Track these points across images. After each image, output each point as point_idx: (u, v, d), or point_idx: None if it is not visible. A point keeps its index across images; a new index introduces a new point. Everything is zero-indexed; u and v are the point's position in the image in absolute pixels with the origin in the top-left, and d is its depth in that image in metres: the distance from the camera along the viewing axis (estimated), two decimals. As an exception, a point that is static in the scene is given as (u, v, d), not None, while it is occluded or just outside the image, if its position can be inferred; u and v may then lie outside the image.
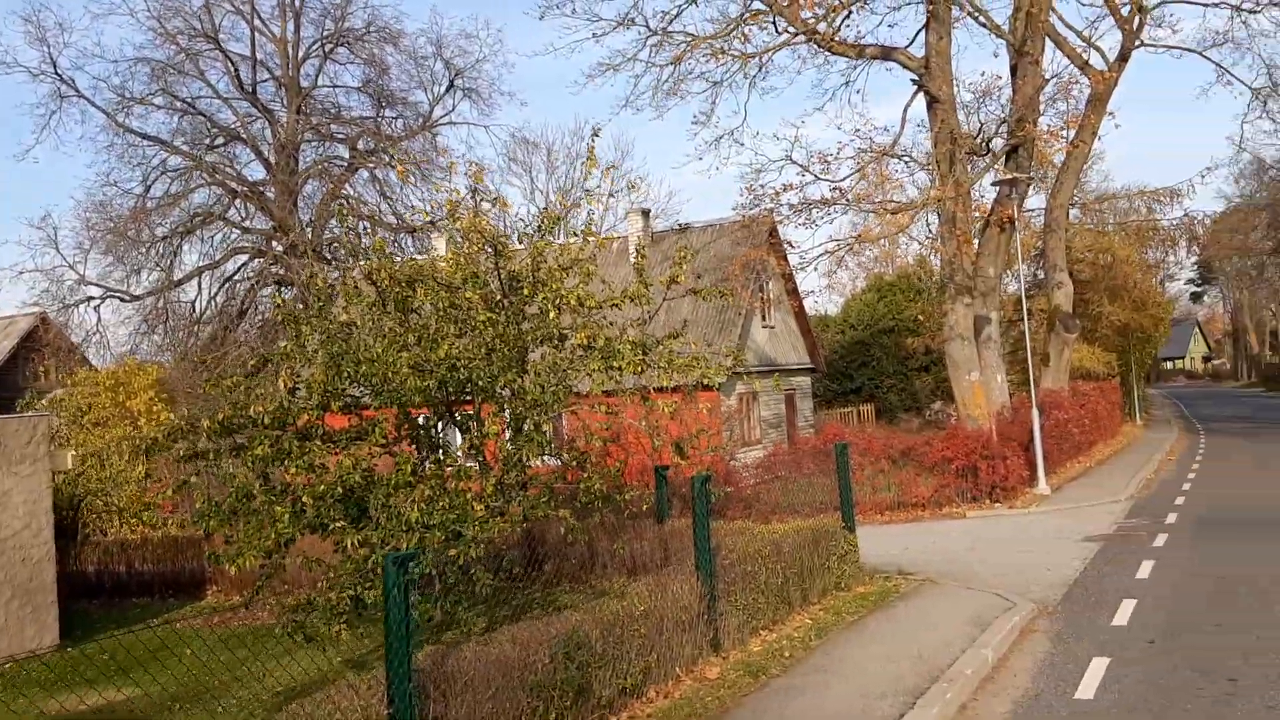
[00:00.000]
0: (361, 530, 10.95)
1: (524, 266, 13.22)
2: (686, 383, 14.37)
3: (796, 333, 35.72)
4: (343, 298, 12.78)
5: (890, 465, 20.90)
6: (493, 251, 13.00)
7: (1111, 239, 36.75)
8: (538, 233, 13.52)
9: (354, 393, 12.38)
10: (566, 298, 13.01)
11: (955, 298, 25.12)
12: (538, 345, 13.20)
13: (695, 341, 16.05)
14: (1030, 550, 15.12)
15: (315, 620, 10.36)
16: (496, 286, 13.24)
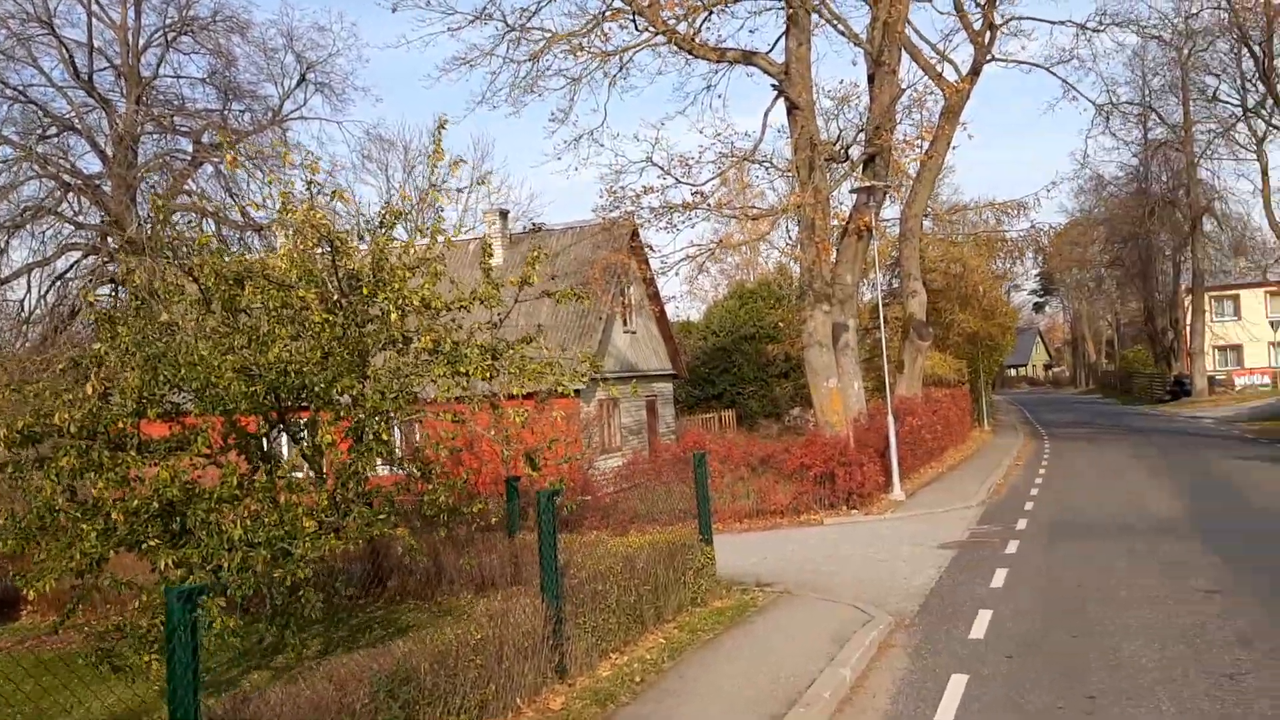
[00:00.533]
0: (181, 549, 9.98)
1: (364, 265, 12.40)
2: (541, 389, 13.74)
3: (658, 338, 35.42)
4: (162, 295, 11.74)
5: (749, 473, 20.66)
6: (329, 248, 12.13)
7: (963, 249, 37.66)
8: (380, 229, 12.70)
9: (175, 399, 11.39)
10: (409, 298, 12.22)
11: (814, 304, 25.13)
12: (380, 349, 12.42)
13: (551, 347, 15.38)
14: (887, 558, 14.98)
15: (124, 648, 9.38)
16: (334, 286, 12.38)
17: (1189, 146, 58.59)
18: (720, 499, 20.27)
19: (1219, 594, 11.18)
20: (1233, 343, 69.64)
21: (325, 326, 11.56)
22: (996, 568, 13.48)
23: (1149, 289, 67.88)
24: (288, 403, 11.69)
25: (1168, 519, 16.99)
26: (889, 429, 21.74)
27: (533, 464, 12.58)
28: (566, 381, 13.09)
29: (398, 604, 13.71)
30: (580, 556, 11.61)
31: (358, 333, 11.96)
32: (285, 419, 12.18)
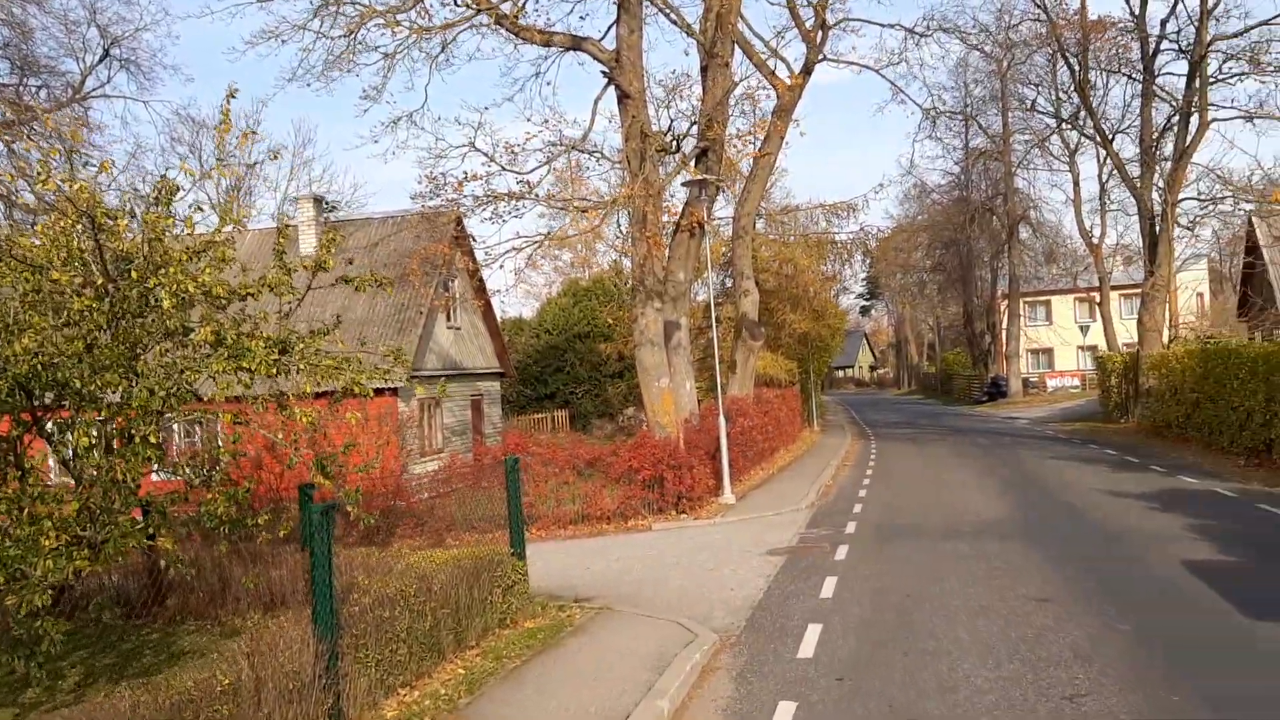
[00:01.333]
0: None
1: (135, 246, 10.85)
2: (336, 388, 12.39)
3: (485, 335, 34.12)
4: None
5: (575, 477, 19.66)
6: (90, 224, 10.52)
7: (794, 250, 37.71)
8: (156, 205, 11.16)
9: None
10: (184, 284, 10.71)
11: (646, 302, 24.35)
12: (157, 342, 10.89)
13: (353, 341, 13.99)
14: (715, 567, 14.21)
15: None
16: (99, 269, 10.78)
17: (1007, 156, 60.80)
18: (544, 504, 19.25)
19: (1050, 602, 10.78)
20: (1045, 346, 72.87)
21: (88, 314, 10.04)
22: (826, 576, 12.86)
23: (968, 293, 70.26)
24: (43, 401, 10.15)
25: (992, 520, 16.83)
26: (720, 430, 21.12)
27: (324, 471, 11.22)
28: (365, 379, 11.75)
29: (178, 624, 12.20)
30: (367, 577, 10.41)
31: (130, 322, 10.44)
32: (39, 419, 10.56)
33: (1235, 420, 24.05)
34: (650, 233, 22.82)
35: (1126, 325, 65.43)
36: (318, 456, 11.51)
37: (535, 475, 19.59)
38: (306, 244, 30.83)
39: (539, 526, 19.10)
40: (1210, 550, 13.15)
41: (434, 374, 29.22)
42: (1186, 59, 34.58)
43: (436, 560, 10.67)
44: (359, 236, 31.01)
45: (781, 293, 38.32)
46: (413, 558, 11.09)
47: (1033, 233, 64.44)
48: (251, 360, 10.83)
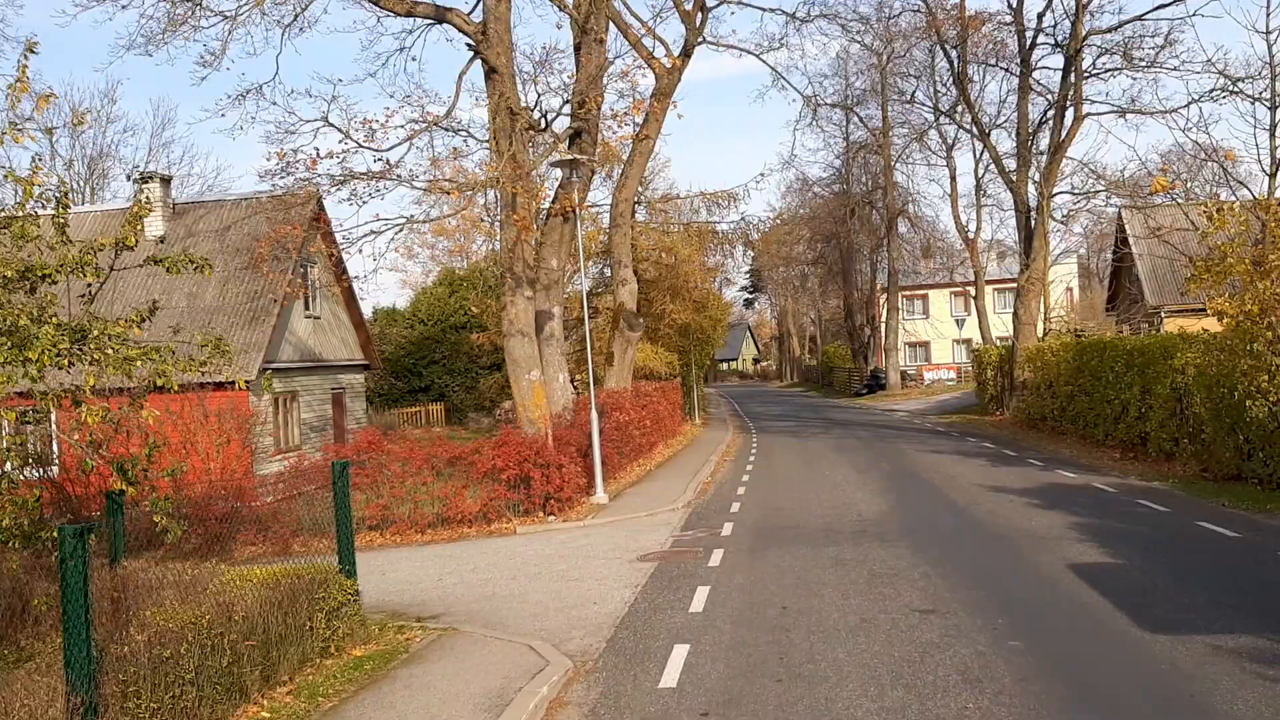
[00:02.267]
0: None
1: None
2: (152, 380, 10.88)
3: (348, 325, 32.27)
4: None
5: (435, 476, 18.28)
6: None
7: (675, 239, 36.79)
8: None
9: None
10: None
11: (515, 290, 23.03)
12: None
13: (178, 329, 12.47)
14: (579, 577, 13.05)
15: None
16: None
17: (887, 150, 61.13)
18: (400, 507, 17.85)
19: (934, 614, 9.92)
20: (922, 339, 73.79)
21: None
22: (698, 585, 11.81)
23: (849, 287, 70.59)
24: None
25: (873, 519, 16.08)
26: (592, 426, 19.97)
27: (125, 476, 9.74)
28: (175, 371, 10.28)
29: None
30: (179, 598, 8.95)
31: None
32: None
33: (1111, 413, 23.95)
34: (519, 216, 21.51)
35: (1001, 319, 66.56)
36: (117, 460, 10.01)
37: (391, 476, 18.18)
38: (153, 227, 28.65)
39: (394, 531, 17.71)
40: (1097, 552, 12.53)
41: (290, 366, 27.43)
42: (1062, 53, 34.79)
43: (254, 578, 9.26)
44: (210, 219, 28.96)
45: (662, 283, 37.38)
46: (229, 575, 9.64)
47: (911, 227, 65.00)
48: (37, 348, 9.29)
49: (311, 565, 9.57)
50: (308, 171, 22.00)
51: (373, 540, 17.57)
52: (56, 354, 9.58)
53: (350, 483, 9.78)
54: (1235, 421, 17.46)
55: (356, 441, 19.39)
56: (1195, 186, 28.99)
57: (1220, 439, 18.11)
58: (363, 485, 18.53)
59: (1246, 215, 18.17)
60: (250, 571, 9.56)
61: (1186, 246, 24.33)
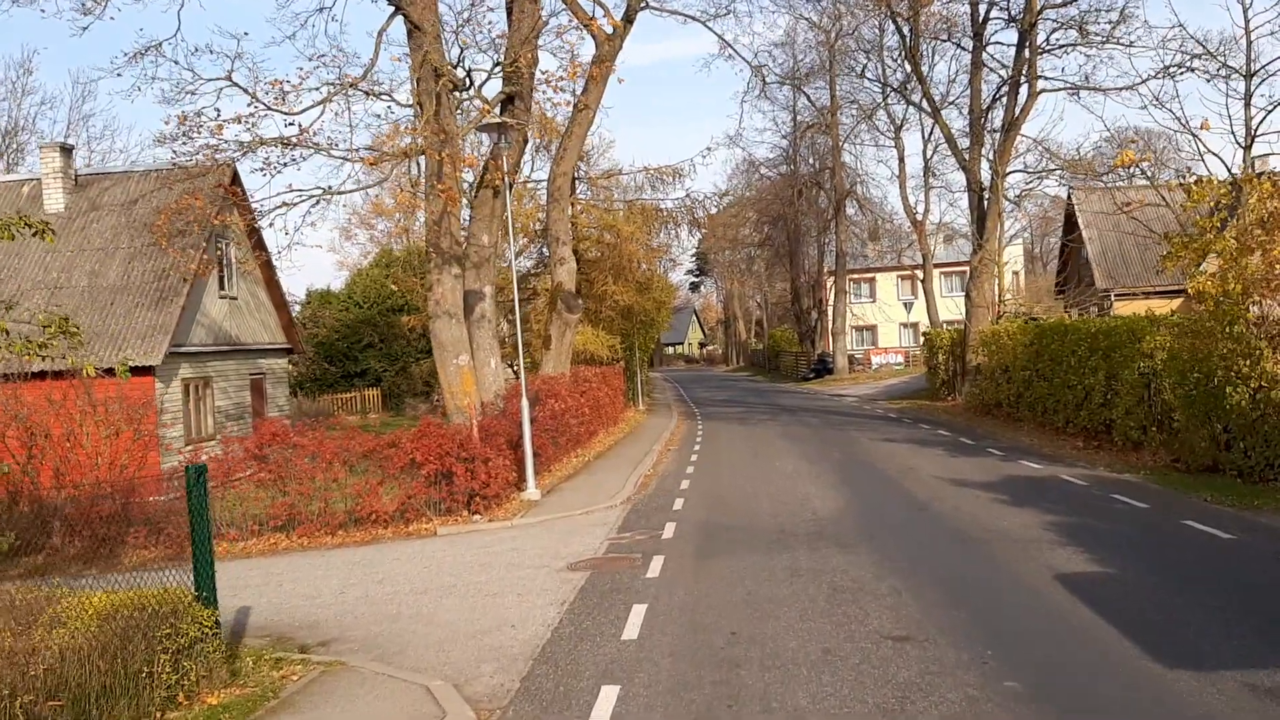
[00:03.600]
0: None
1: None
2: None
3: (268, 307, 30.23)
4: None
5: (348, 472, 16.53)
6: None
7: (617, 216, 35.08)
8: None
9: None
10: None
11: (442, 268, 21.29)
12: None
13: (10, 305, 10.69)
14: (499, 590, 11.41)
15: None
16: None
17: (835, 130, 59.89)
18: (308, 506, 16.09)
19: (910, 642, 8.43)
20: (869, 323, 72.82)
21: None
22: (634, 603, 10.22)
23: (795, 270, 69.40)
24: None
25: (830, 519, 14.62)
26: (523, 415, 18.32)
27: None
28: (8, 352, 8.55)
29: None
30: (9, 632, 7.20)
31: None
32: None
33: (1073, 399, 22.77)
34: (445, 187, 19.74)
35: (948, 303, 65.94)
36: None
37: (299, 471, 16.40)
38: (53, 200, 26.44)
39: (302, 533, 15.96)
40: (1082, 559, 11.14)
41: (202, 350, 25.42)
42: (1016, 27, 33.63)
43: (91, 607, 7.52)
44: (116, 192, 26.81)
45: (604, 263, 35.70)
46: (65, 602, 7.90)
47: (859, 209, 63.90)
48: None
49: (161, 591, 7.82)
50: (213, 137, 20.12)
51: (277, 543, 15.83)
52: None
53: (208, 489, 8.03)
54: (1211, 409, 16.25)
55: (259, 433, 17.53)
56: (1158, 164, 27.93)
57: (1193, 428, 16.91)
58: (267, 482, 16.75)
59: (1225, 189, 16.96)
60: (88, 598, 7.80)
61: (1154, 225, 23.23)
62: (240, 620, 10.82)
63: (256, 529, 16.19)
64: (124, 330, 23.38)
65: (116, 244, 25.47)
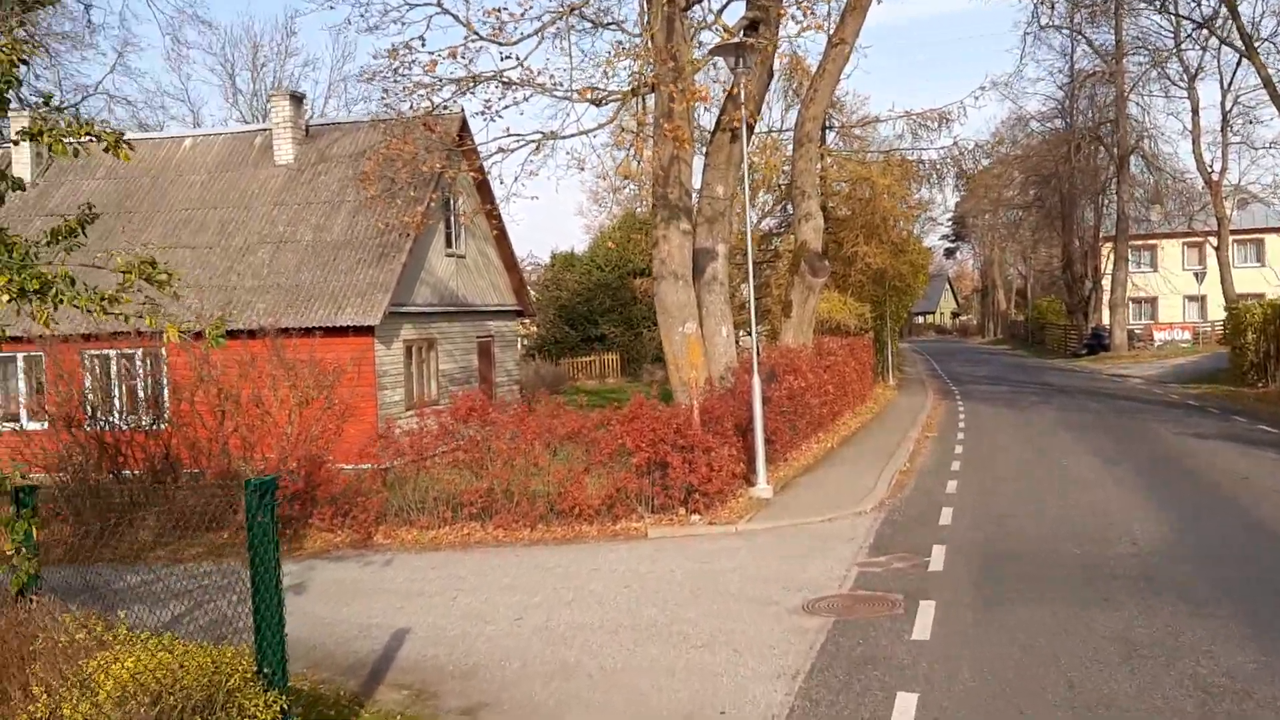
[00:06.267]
0: None
1: None
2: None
3: (498, 267, 28.59)
4: None
5: (551, 455, 14.22)
6: None
7: (871, 169, 31.35)
8: None
9: None
10: None
11: (669, 222, 18.70)
12: None
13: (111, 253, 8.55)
14: (710, 639, 8.64)
15: None
16: None
17: (1120, 77, 53.29)
18: (506, 495, 13.89)
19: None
20: (1149, 295, 65.27)
21: None
22: (898, 690, 7.16)
23: (1068, 234, 62.83)
24: None
25: (1157, 553, 11.00)
26: (754, 396, 15.46)
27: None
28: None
29: None
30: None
31: None
32: None
33: None
34: (674, 126, 17.05)
35: (1247, 274, 58.16)
36: None
37: (496, 453, 14.22)
38: (282, 151, 25.52)
39: (499, 524, 13.79)
40: None
41: (426, 310, 23.92)
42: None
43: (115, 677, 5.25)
44: (345, 143, 25.63)
45: (854, 221, 32.07)
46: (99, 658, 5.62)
47: (1145, 166, 56.89)
48: None
49: (213, 655, 5.43)
50: (425, 74, 18.24)
51: (471, 534, 13.74)
52: None
53: (275, 510, 5.59)
54: None
55: (455, 407, 15.49)
56: None
57: None
58: (462, 462, 14.69)
59: None
60: (120, 660, 5.50)
61: None
62: (388, 654, 8.59)
63: (449, 515, 14.16)
64: (344, 287, 22.05)
65: (343, 197, 24.25)
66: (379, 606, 10.23)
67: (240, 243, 23.58)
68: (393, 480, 14.95)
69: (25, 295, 6.22)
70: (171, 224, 24.22)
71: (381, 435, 15.40)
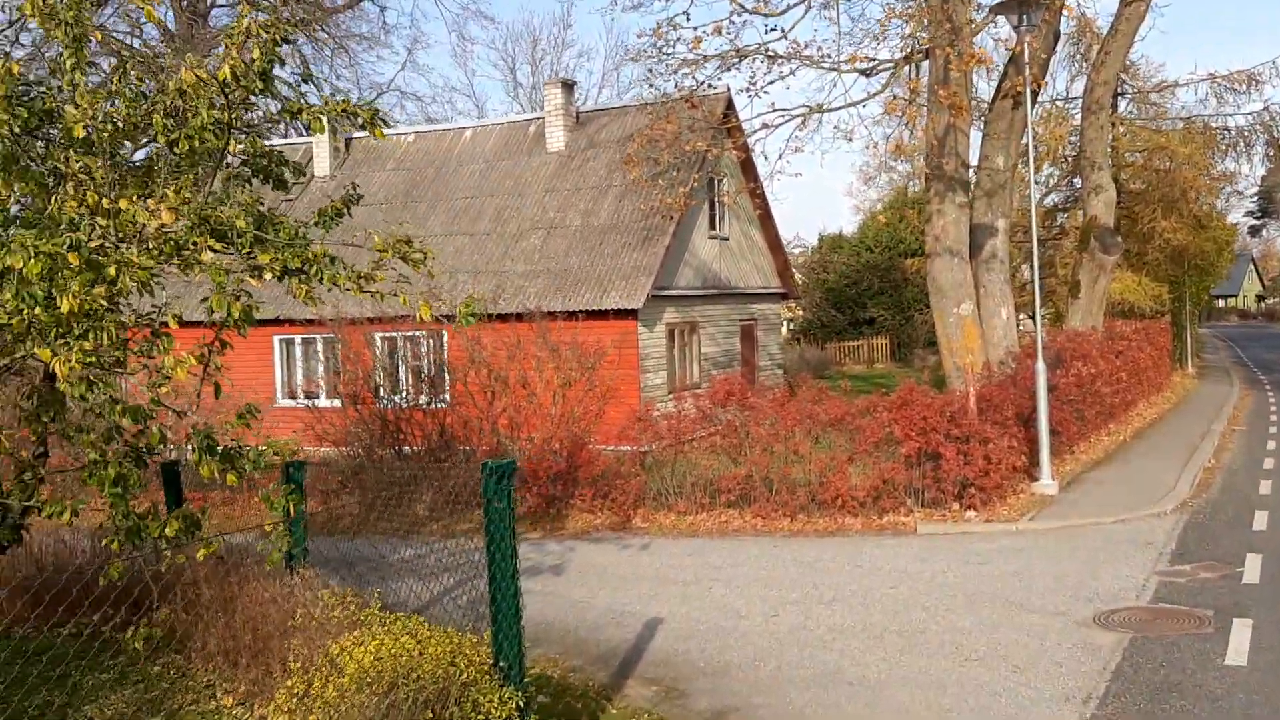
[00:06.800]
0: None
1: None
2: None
3: (762, 248, 28.13)
4: None
5: (812, 443, 13.63)
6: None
7: (1170, 137, 28.52)
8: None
9: None
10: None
11: (944, 196, 17.64)
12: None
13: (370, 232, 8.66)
14: (987, 652, 7.85)
15: None
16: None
17: None
18: (766, 483, 13.45)
19: None
20: None
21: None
22: (1210, 727, 6.25)
23: None
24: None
25: None
26: (1038, 383, 14.24)
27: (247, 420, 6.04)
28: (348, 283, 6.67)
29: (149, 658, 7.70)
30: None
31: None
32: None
33: None
34: (952, 94, 15.97)
35: None
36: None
37: (756, 439, 13.80)
38: (554, 138, 26.03)
39: (756, 512, 13.38)
40: None
41: (688, 293, 23.81)
42: None
43: (355, 661, 5.20)
44: (613, 128, 25.88)
45: (1150, 194, 29.32)
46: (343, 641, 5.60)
47: None
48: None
49: (446, 643, 5.26)
50: (690, 51, 18.03)
51: (728, 522, 13.39)
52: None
53: (513, 495, 5.37)
54: None
55: (713, 390, 15.16)
56: None
57: None
58: (719, 448, 14.38)
59: None
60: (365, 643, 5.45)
61: None
62: (639, 645, 8.35)
63: (707, 501, 13.88)
64: (609, 271, 22.25)
65: (610, 181, 24.49)
66: (633, 593, 10.04)
67: (514, 229, 24.22)
68: (651, 463, 14.83)
69: (289, 273, 6.35)
70: (452, 212, 25.21)
71: (640, 418, 15.27)
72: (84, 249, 4.92)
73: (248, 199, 6.74)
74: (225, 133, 6.28)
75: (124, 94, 6.47)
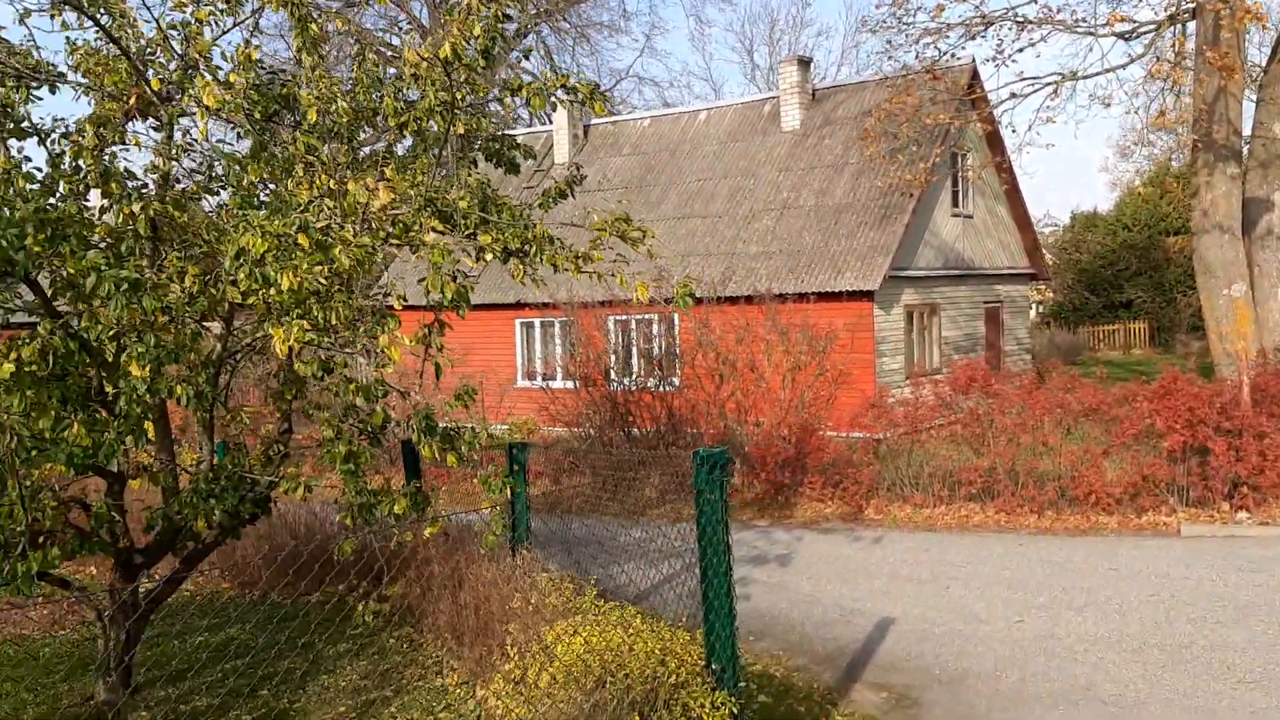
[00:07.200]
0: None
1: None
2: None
3: (1009, 226, 26.69)
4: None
5: (1062, 435, 12.70)
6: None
7: None
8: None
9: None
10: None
11: (1212, 166, 16.08)
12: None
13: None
14: (1262, 674, 6.98)
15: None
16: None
17: None
18: (1010, 475, 12.65)
19: None
20: None
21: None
22: None
23: None
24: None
25: None
26: (1328, 372, 12.74)
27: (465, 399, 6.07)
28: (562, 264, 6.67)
29: (380, 632, 8.12)
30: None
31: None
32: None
33: None
34: (1223, 55, 14.49)
35: None
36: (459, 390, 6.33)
37: (1000, 429, 13.00)
38: (789, 116, 25.54)
39: (1000, 506, 12.62)
40: None
41: (928, 274, 22.86)
42: None
43: (572, 651, 5.11)
44: (850, 104, 25.16)
45: None
46: (558, 628, 5.52)
47: None
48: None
49: (663, 641, 5.09)
50: (931, 20, 17.23)
51: (969, 516, 12.69)
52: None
53: (727, 486, 5.15)
54: None
55: (953, 377, 14.38)
56: None
57: None
58: (960, 438, 13.64)
59: None
60: (578, 632, 5.36)
61: None
62: (869, 646, 7.94)
63: (945, 494, 13.19)
64: (844, 251, 21.62)
65: (846, 159, 23.81)
66: (864, 589, 9.60)
67: (747, 210, 23.94)
68: (885, 452, 14.25)
69: (510, 254, 6.34)
70: (685, 195, 25.19)
71: (874, 404, 14.69)
72: (312, 230, 5.01)
73: (475, 180, 6.78)
74: (450, 113, 6.31)
75: (362, 80, 6.63)
